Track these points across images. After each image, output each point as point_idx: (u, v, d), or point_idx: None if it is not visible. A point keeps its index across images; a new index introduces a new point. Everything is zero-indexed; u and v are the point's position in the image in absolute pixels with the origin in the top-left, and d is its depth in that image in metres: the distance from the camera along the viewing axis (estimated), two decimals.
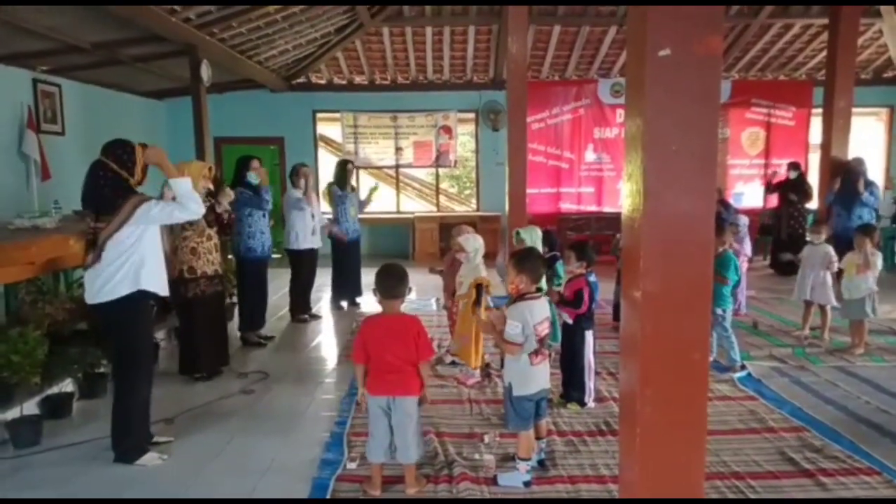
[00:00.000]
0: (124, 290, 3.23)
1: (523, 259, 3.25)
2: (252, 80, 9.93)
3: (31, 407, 3.78)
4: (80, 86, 8.42)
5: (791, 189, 9.10)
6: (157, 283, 3.35)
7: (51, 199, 6.93)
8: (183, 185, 3.40)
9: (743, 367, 4.86)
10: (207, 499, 2.82)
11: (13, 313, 4.19)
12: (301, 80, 10.66)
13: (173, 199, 3.44)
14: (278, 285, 6.85)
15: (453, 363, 4.93)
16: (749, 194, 10.85)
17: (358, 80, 10.84)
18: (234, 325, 5.82)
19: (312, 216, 6.29)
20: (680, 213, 2.18)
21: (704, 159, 2.19)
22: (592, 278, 4.30)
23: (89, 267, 3.25)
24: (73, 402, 4.08)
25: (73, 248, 4.17)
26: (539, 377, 3.17)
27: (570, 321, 4.19)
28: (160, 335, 5.20)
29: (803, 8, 9.33)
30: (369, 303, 7.40)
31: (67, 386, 4.11)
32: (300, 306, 6.49)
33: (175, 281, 4.54)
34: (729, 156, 10.88)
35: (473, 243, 4.52)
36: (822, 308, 5.66)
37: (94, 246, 3.22)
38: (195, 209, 3.42)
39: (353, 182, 7.28)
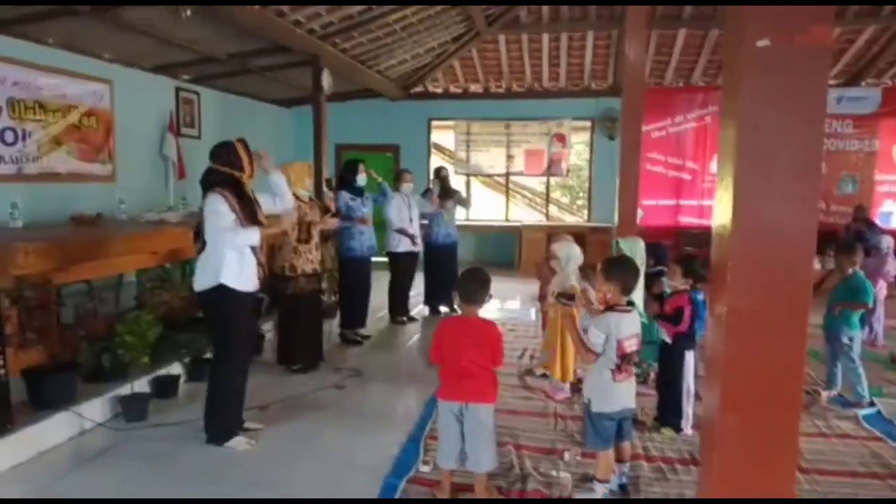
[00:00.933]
0: (208, 283, 3.43)
1: (613, 266, 3.09)
2: (371, 90, 10.31)
3: (142, 385, 4.11)
4: (215, 93, 9.14)
5: None
6: (240, 280, 3.48)
7: (188, 193, 7.57)
8: (279, 182, 3.60)
9: (871, 404, 4.32)
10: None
11: (137, 299, 4.59)
12: (418, 88, 10.90)
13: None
14: (383, 287, 7.02)
15: (544, 375, 4.79)
16: None
17: (473, 88, 10.93)
18: (335, 323, 6.03)
19: (411, 220, 6.38)
20: (776, 221, 1.96)
21: (807, 164, 1.95)
22: (700, 296, 4.01)
23: (198, 254, 3.50)
24: (179, 383, 4.38)
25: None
26: (621, 395, 2.98)
27: (668, 340, 3.93)
28: (267, 327, 5.48)
29: None
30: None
31: (175, 368, 4.43)
32: (398, 308, 6.60)
33: (276, 277, 4.77)
34: (876, 171, 9.81)
35: (567, 250, 4.36)
36: None
37: (198, 236, 3.47)
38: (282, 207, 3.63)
39: (455, 188, 7.30)
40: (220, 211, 3.42)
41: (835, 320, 4.45)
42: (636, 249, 4.56)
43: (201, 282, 3.47)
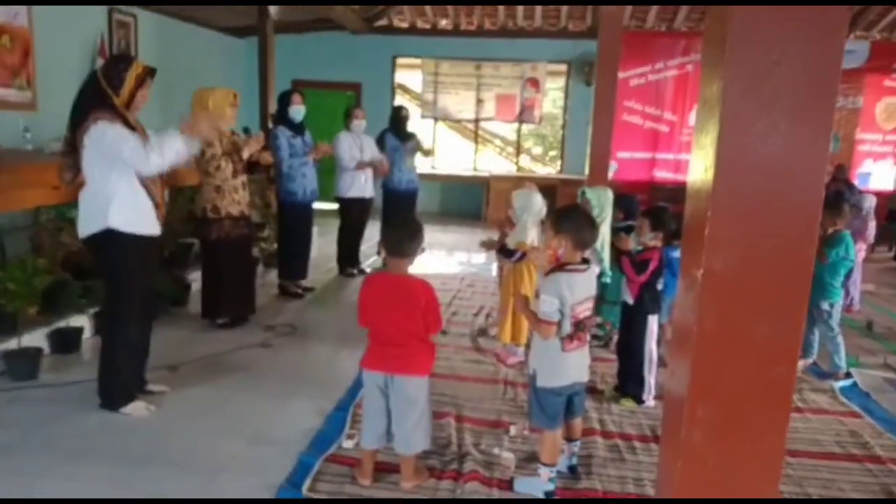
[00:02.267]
0: (94, 227, 2.89)
1: (564, 217, 2.59)
2: (331, 20, 9.51)
3: (35, 339, 3.58)
4: (156, 17, 8.27)
5: None
6: (133, 222, 2.93)
7: None
8: (176, 142, 2.93)
9: (848, 375, 4.00)
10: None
11: (32, 240, 4.00)
12: (382, 22, 10.12)
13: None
14: (331, 236, 6.48)
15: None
16: (879, 174, 9.43)
17: (443, 23, 10.18)
18: (273, 274, 5.52)
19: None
20: (772, 163, 1.49)
21: (818, 90, 1.47)
22: (676, 254, 3.59)
23: (68, 185, 2.93)
24: (81, 337, 3.85)
25: None
26: (572, 367, 2.55)
27: (630, 300, 3.51)
28: (193, 276, 4.94)
29: None
30: (422, 259, 6.94)
31: (79, 321, 3.89)
32: (348, 260, 6.08)
33: (198, 221, 4.22)
34: (859, 129, 9.45)
35: (524, 199, 3.84)
36: None
37: (70, 165, 2.90)
38: (153, 164, 2.89)
39: (413, 131, 6.68)
40: (121, 133, 2.85)
41: (815, 285, 4.06)
42: (604, 200, 4.07)
43: (86, 226, 2.93)
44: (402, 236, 2.50)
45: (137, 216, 2.94)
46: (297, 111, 5.15)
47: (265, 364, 3.84)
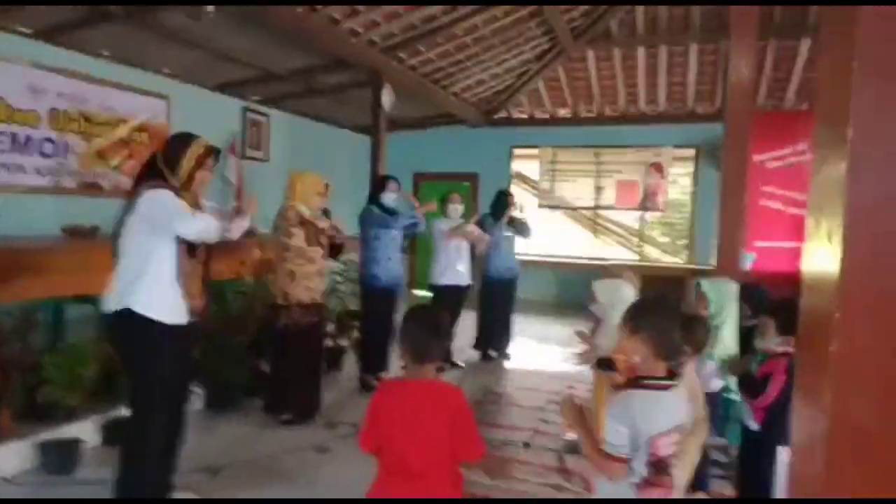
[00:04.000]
0: (112, 304, 2.68)
1: (644, 312, 1.99)
2: (451, 115, 9.64)
3: (82, 430, 3.44)
4: (287, 116, 8.81)
5: None
6: (155, 305, 2.68)
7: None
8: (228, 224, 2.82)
9: None
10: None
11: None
12: (501, 114, 10.09)
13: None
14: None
15: None
16: None
17: (561, 112, 9.94)
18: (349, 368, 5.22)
19: (458, 249, 5.48)
20: None
21: None
22: None
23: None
24: None
25: None
26: None
27: (754, 426, 2.73)
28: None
29: None
30: (524, 354, 6.33)
31: None
32: None
33: (270, 308, 4.04)
34: None
35: (612, 292, 3.23)
36: None
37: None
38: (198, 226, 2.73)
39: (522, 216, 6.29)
40: (176, 202, 2.72)
41: None
42: (725, 295, 3.35)
43: (107, 303, 2.73)
44: (425, 334, 2.03)
45: (161, 301, 2.71)
46: (390, 197, 4.99)
47: (314, 473, 3.42)
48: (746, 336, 3.19)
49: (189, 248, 2.76)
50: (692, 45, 7.92)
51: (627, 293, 3.24)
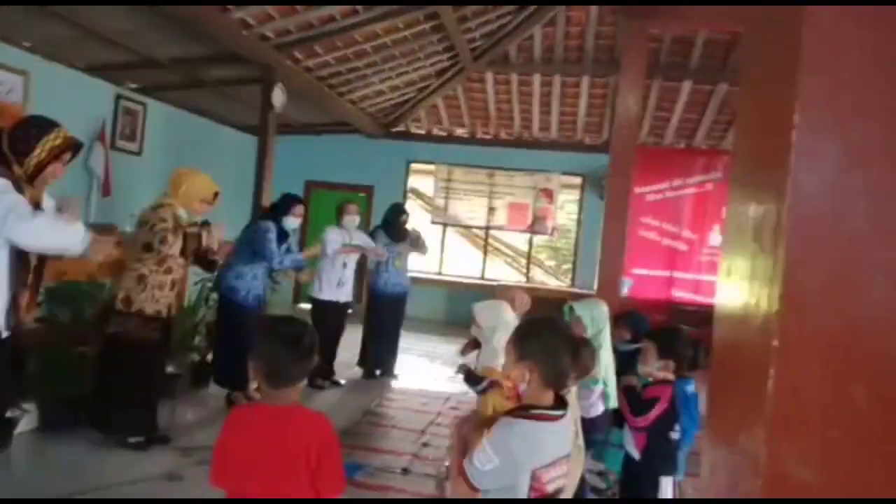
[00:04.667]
0: None
1: (530, 336, 1.86)
2: (348, 124, 9.39)
3: None
4: (167, 108, 8.17)
5: None
6: None
7: (113, 214, 6.70)
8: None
9: None
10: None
11: None
12: (399, 128, 9.96)
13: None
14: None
15: None
16: None
17: (459, 132, 9.99)
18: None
19: (344, 265, 5.25)
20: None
21: None
22: (690, 388, 2.86)
23: None
24: (12, 430, 3.14)
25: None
26: None
27: (636, 455, 2.71)
28: None
29: None
30: (411, 373, 6.16)
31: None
32: (318, 369, 5.35)
33: (101, 309, 3.57)
34: None
35: (493, 316, 3.12)
36: None
37: None
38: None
39: (415, 230, 6.16)
40: (12, 198, 2.31)
41: None
42: (598, 315, 3.29)
43: None
44: (290, 353, 1.74)
45: None
46: (293, 222, 4.71)
47: None
48: (628, 360, 3.20)
49: (19, 253, 2.35)
50: (585, 77, 8.22)
51: (509, 315, 3.15)
